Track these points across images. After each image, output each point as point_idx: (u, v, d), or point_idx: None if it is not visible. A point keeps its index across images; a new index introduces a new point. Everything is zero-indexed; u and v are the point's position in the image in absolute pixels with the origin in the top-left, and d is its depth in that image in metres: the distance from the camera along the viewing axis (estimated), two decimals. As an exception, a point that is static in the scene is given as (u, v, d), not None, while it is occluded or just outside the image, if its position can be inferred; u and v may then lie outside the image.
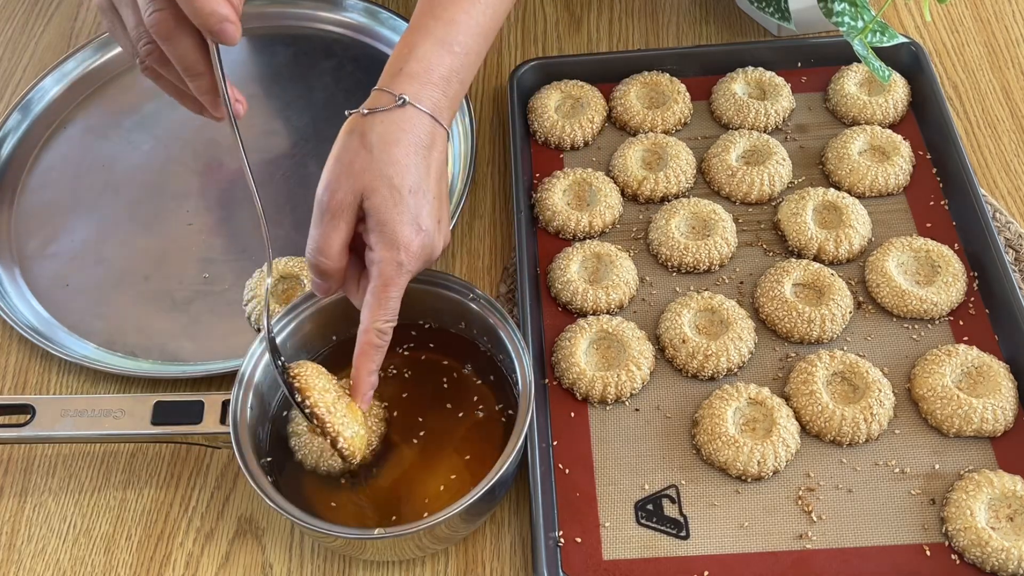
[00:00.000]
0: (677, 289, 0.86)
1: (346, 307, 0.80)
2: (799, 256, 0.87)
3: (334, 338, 0.82)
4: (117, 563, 0.77)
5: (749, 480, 0.75)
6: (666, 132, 0.95)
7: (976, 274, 0.85)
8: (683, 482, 0.76)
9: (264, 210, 0.94)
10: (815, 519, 0.74)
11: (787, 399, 0.78)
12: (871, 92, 0.96)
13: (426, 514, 0.70)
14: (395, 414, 0.79)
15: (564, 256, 0.86)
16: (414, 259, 0.71)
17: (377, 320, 0.71)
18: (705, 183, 0.93)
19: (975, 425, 0.76)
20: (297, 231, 0.93)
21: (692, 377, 0.81)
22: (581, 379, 0.79)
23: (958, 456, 0.76)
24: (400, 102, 0.71)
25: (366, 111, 0.72)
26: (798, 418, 0.77)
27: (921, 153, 0.93)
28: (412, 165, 0.70)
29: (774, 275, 0.84)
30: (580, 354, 0.80)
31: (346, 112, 0.73)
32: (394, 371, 0.81)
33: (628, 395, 0.80)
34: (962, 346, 0.80)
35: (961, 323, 0.83)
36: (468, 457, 0.76)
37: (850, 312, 0.83)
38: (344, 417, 0.71)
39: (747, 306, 0.85)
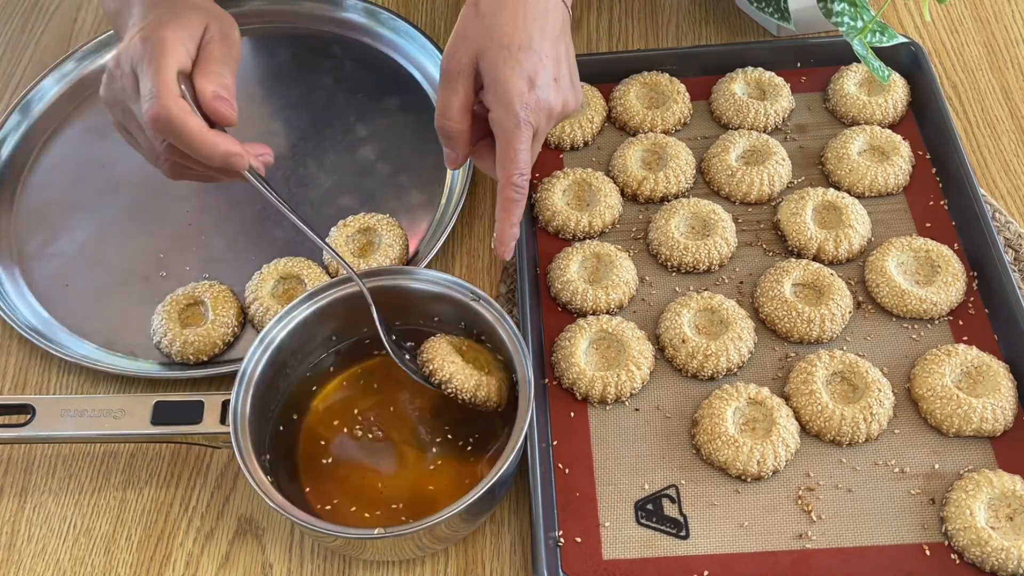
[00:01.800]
0: (677, 289, 0.86)
1: (346, 308, 0.80)
2: (799, 256, 0.87)
3: (334, 338, 0.82)
4: (117, 563, 0.77)
5: (749, 480, 0.75)
6: (666, 132, 0.95)
7: (976, 274, 0.85)
8: (683, 482, 0.76)
9: (264, 210, 0.95)
10: (815, 519, 0.74)
11: (787, 399, 0.78)
12: (871, 92, 0.96)
13: (426, 514, 0.70)
14: (392, 409, 0.79)
15: (564, 256, 0.87)
16: (532, 112, 0.73)
17: (511, 175, 0.74)
18: (705, 183, 0.93)
19: (975, 425, 0.76)
20: (297, 231, 0.92)
21: (692, 377, 0.81)
22: (581, 379, 0.79)
23: (958, 456, 0.76)
24: None
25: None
26: (798, 418, 0.77)
27: (921, 153, 0.93)
28: (522, 27, 0.73)
29: (774, 275, 0.84)
30: (580, 354, 0.80)
31: None
32: (381, 373, 0.81)
33: (628, 395, 0.80)
34: (962, 346, 0.80)
35: (961, 323, 0.83)
36: (468, 457, 0.76)
37: (850, 312, 0.83)
38: (470, 378, 0.75)
39: (747, 306, 0.85)
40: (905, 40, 0.97)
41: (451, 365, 0.75)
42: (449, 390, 0.75)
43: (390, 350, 0.76)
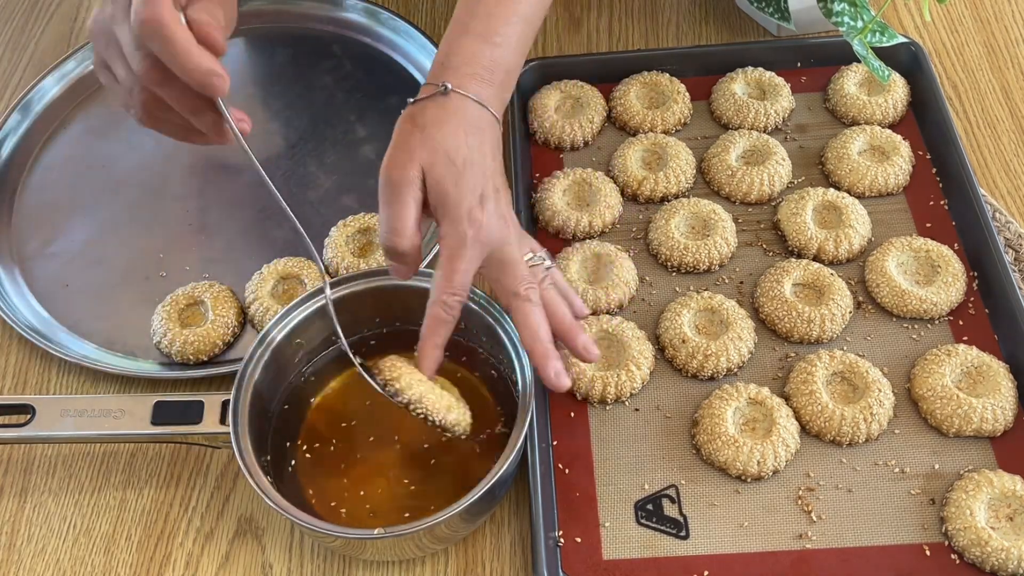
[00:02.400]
0: (677, 289, 0.86)
1: (346, 307, 0.80)
2: (799, 256, 0.87)
3: (334, 338, 0.82)
4: (117, 563, 0.77)
5: (749, 480, 0.75)
6: (666, 132, 0.95)
7: (976, 274, 0.85)
8: (683, 482, 0.76)
9: (264, 210, 0.95)
10: (815, 519, 0.74)
11: (787, 399, 0.78)
12: (871, 92, 0.96)
13: (426, 513, 0.70)
14: (392, 409, 0.79)
15: (564, 256, 0.86)
16: (481, 230, 0.71)
17: (443, 293, 0.71)
18: (705, 183, 0.93)
19: (975, 425, 0.76)
20: (297, 231, 0.93)
21: (692, 377, 0.81)
22: (581, 379, 0.79)
23: (958, 456, 0.76)
24: (443, 89, 0.73)
25: (413, 100, 0.74)
26: (798, 418, 0.77)
27: (921, 153, 0.93)
28: (464, 144, 0.72)
29: (774, 275, 0.84)
30: None
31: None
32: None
33: (628, 395, 0.80)
34: (962, 346, 0.80)
35: (961, 323, 0.83)
36: (468, 457, 0.76)
37: (850, 312, 0.83)
38: (441, 398, 0.72)
39: (747, 306, 0.85)
40: (905, 40, 0.97)
41: (419, 384, 0.72)
42: (418, 411, 0.71)
43: (358, 367, 0.74)
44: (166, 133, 0.78)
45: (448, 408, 0.72)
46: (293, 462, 0.77)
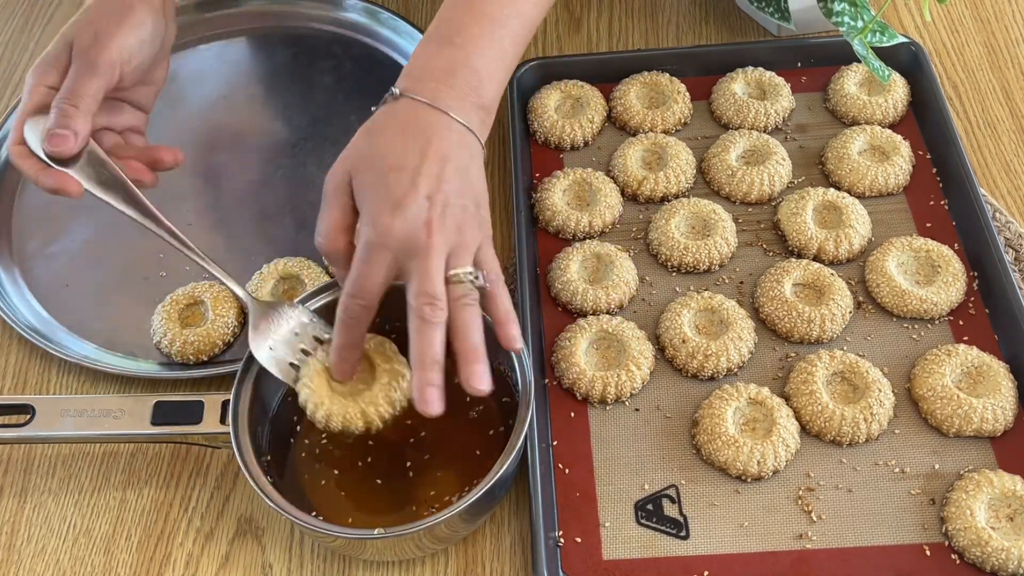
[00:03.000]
0: (677, 289, 0.86)
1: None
2: (799, 256, 0.87)
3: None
4: (117, 563, 0.77)
5: (749, 480, 0.75)
6: (666, 132, 0.95)
7: (976, 274, 0.85)
8: (683, 482, 0.76)
9: (264, 210, 0.95)
10: (815, 519, 0.74)
11: (787, 399, 0.78)
12: (871, 92, 0.96)
13: (426, 514, 0.70)
14: (396, 412, 0.79)
15: (564, 256, 0.86)
16: (389, 237, 0.67)
17: (344, 296, 0.69)
18: (705, 183, 0.93)
19: (975, 425, 0.76)
20: (297, 231, 0.93)
21: (692, 377, 0.81)
22: (581, 379, 0.79)
23: (958, 456, 0.76)
24: (392, 94, 0.73)
25: (373, 109, 0.74)
26: (798, 418, 0.77)
27: (921, 153, 0.93)
28: (399, 147, 0.70)
29: (774, 275, 0.84)
30: (580, 354, 0.80)
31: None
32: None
33: (628, 395, 0.80)
34: (962, 346, 0.80)
35: (961, 323, 0.83)
36: (468, 457, 0.76)
37: (850, 312, 0.83)
38: (336, 404, 0.72)
39: (747, 306, 0.85)
40: (905, 40, 0.97)
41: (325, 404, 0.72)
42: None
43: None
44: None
45: (327, 417, 0.71)
46: (293, 462, 0.77)
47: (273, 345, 0.74)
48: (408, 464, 0.77)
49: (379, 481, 0.76)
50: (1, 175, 0.99)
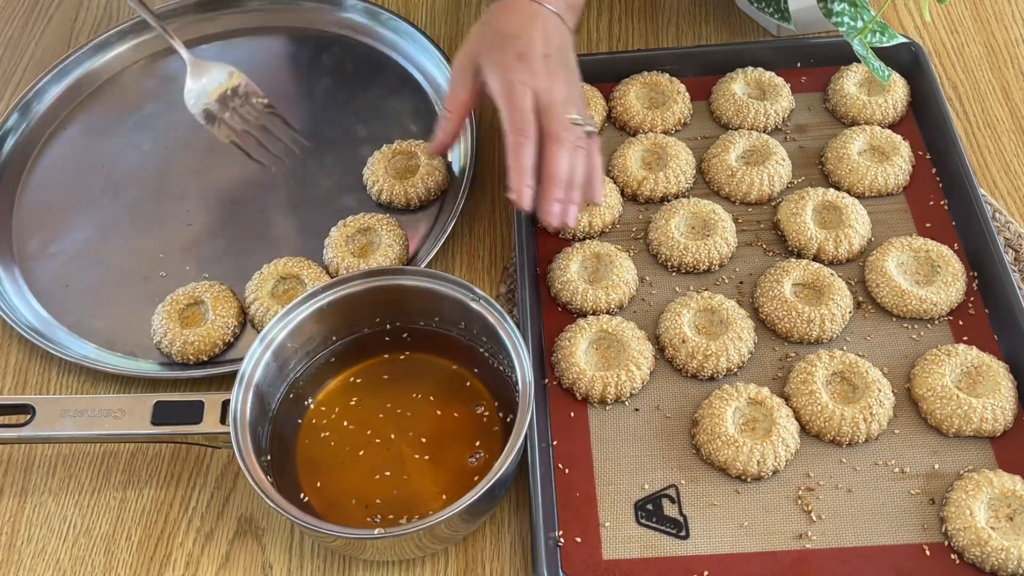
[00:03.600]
0: (677, 289, 0.86)
1: (346, 308, 0.80)
2: (799, 256, 0.87)
3: (334, 338, 0.82)
4: (117, 563, 0.77)
5: (749, 480, 0.75)
6: (666, 132, 0.95)
7: (976, 274, 0.85)
8: (683, 482, 0.76)
9: (264, 210, 0.95)
10: (815, 519, 0.74)
11: (787, 399, 0.78)
12: (871, 92, 0.96)
13: (426, 514, 0.70)
14: (391, 408, 0.79)
15: (564, 256, 0.87)
16: (525, 74, 0.81)
17: (509, 131, 0.80)
18: (705, 183, 0.93)
19: (974, 425, 0.76)
20: (297, 231, 0.93)
21: (692, 377, 0.81)
22: (581, 379, 0.79)
23: (958, 456, 0.76)
24: None
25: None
26: (798, 418, 0.77)
27: (921, 153, 0.93)
28: (512, 23, 0.84)
29: (774, 275, 0.84)
30: (580, 354, 0.80)
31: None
32: (381, 373, 0.81)
33: (628, 395, 0.80)
34: (962, 346, 0.80)
35: (961, 323, 0.83)
36: (468, 457, 0.76)
37: (850, 312, 0.83)
38: None
39: (747, 306, 0.85)
40: (905, 40, 0.97)
41: None
42: None
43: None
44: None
45: None
46: (293, 462, 0.77)
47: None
48: (408, 464, 0.77)
49: (379, 481, 0.76)
50: (1, 175, 0.99)
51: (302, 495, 0.75)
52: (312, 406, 0.80)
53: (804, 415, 0.77)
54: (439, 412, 0.79)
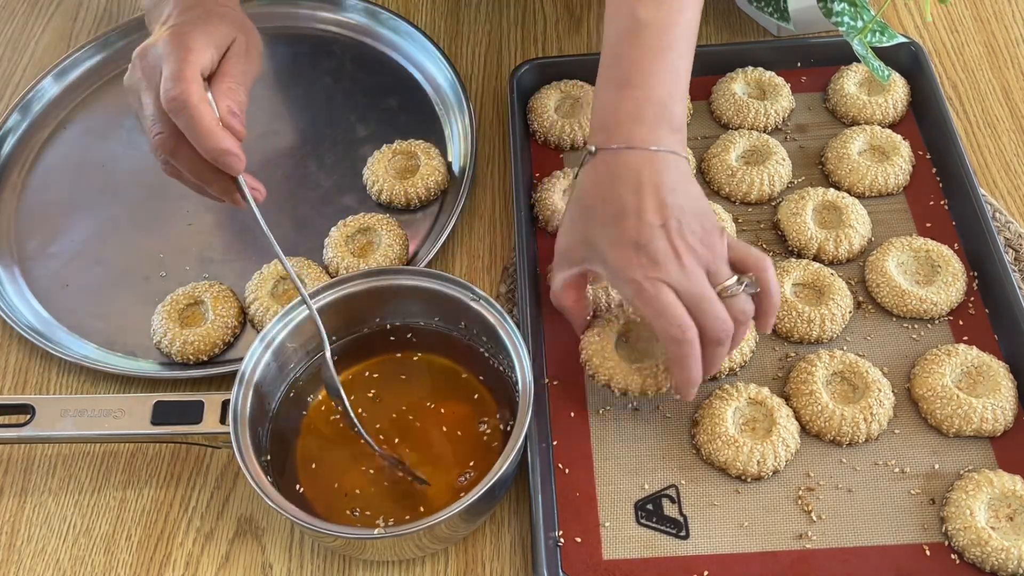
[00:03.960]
0: (677, 289, 0.86)
1: (346, 308, 0.80)
2: (799, 256, 0.87)
3: (334, 338, 0.82)
4: (117, 563, 0.77)
5: (749, 480, 0.75)
6: (666, 132, 0.95)
7: (976, 274, 0.85)
8: (683, 482, 0.76)
9: (265, 210, 0.94)
10: (815, 519, 0.74)
11: (787, 399, 0.78)
12: (871, 92, 0.96)
13: (426, 513, 0.70)
14: (391, 408, 0.79)
15: (564, 256, 0.86)
16: (650, 269, 0.69)
17: (663, 331, 0.70)
18: (705, 183, 0.93)
19: (975, 425, 0.76)
20: (297, 231, 0.93)
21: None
22: (615, 373, 0.78)
23: (958, 456, 0.76)
24: (589, 151, 0.73)
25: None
26: (798, 418, 0.77)
27: (921, 153, 0.93)
28: (614, 197, 0.71)
29: (774, 275, 0.84)
30: (612, 349, 0.79)
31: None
32: (381, 373, 0.81)
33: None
34: (962, 346, 0.80)
35: (961, 323, 0.83)
36: (468, 457, 0.76)
37: (850, 312, 0.83)
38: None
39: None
40: (905, 40, 0.97)
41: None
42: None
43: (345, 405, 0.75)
44: (188, 186, 0.79)
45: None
46: (293, 462, 0.77)
47: None
48: (408, 463, 0.77)
49: (376, 476, 0.76)
50: (1, 175, 0.99)
51: (302, 495, 0.75)
52: (312, 405, 0.80)
53: (804, 415, 0.77)
54: (441, 411, 0.79)
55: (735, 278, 0.70)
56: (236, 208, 0.94)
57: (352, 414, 0.74)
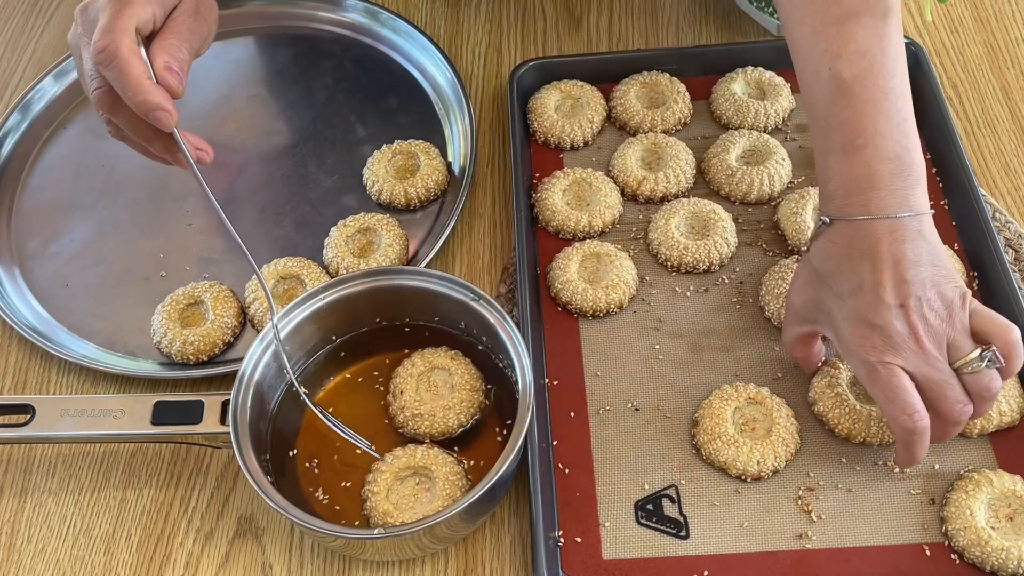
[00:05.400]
0: (677, 289, 0.86)
1: (346, 308, 0.80)
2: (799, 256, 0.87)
3: (334, 338, 0.82)
4: (117, 563, 0.77)
5: (749, 480, 0.75)
6: (666, 132, 0.95)
7: (976, 274, 0.85)
8: (683, 482, 0.76)
9: (264, 210, 0.95)
10: (815, 519, 0.74)
11: (811, 405, 0.78)
12: (871, 92, 0.96)
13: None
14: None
15: (564, 256, 0.87)
16: (887, 353, 0.67)
17: (891, 418, 0.68)
18: (705, 183, 0.93)
19: (995, 421, 0.76)
20: (297, 231, 0.93)
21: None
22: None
23: (958, 456, 0.76)
24: (824, 222, 0.71)
25: (807, 244, 0.74)
26: (824, 421, 0.77)
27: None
28: (852, 274, 0.68)
29: (778, 273, 0.84)
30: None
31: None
32: (380, 370, 0.81)
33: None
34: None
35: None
36: (468, 457, 0.76)
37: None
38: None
39: (749, 305, 0.84)
40: (905, 40, 0.96)
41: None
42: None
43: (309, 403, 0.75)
44: (133, 148, 0.78)
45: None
46: (294, 462, 0.77)
47: None
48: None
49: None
50: (1, 175, 0.99)
51: (302, 495, 0.75)
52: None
53: (831, 418, 0.77)
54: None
55: (977, 352, 0.67)
56: (235, 208, 0.95)
57: (340, 427, 0.74)
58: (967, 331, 0.68)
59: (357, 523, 0.74)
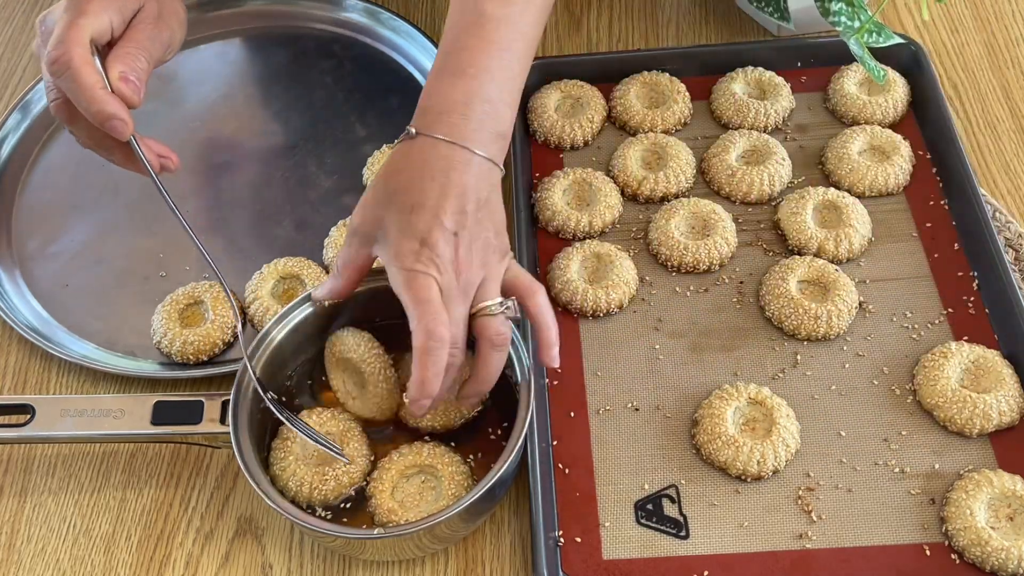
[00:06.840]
0: (677, 289, 0.86)
1: (345, 308, 0.80)
2: (799, 256, 0.87)
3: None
4: (117, 563, 0.77)
5: (749, 480, 0.75)
6: (666, 132, 0.95)
7: (976, 274, 0.85)
8: (683, 482, 0.76)
9: (264, 210, 0.95)
10: (815, 519, 0.74)
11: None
12: (871, 92, 0.96)
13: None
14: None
15: (564, 256, 0.87)
16: (430, 266, 0.68)
17: (416, 327, 0.68)
18: (705, 183, 0.93)
19: (995, 421, 0.76)
20: (297, 231, 0.93)
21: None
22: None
23: (958, 455, 0.76)
24: (408, 133, 0.71)
25: (387, 148, 0.72)
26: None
27: (921, 153, 0.93)
28: (419, 186, 0.69)
29: (779, 272, 0.84)
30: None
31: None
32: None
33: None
34: (954, 344, 0.80)
35: (961, 323, 0.83)
36: (467, 457, 0.76)
37: (855, 307, 0.83)
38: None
39: (749, 305, 0.84)
40: (902, 41, 0.97)
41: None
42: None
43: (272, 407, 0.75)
44: (102, 156, 0.79)
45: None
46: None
47: None
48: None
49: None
50: (1, 175, 0.99)
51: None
52: (312, 406, 0.80)
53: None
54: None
55: (499, 300, 0.70)
56: (235, 208, 0.95)
57: (314, 434, 0.74)
58: (499, 281, 0.71)
59: (363, 525, 0.74)
